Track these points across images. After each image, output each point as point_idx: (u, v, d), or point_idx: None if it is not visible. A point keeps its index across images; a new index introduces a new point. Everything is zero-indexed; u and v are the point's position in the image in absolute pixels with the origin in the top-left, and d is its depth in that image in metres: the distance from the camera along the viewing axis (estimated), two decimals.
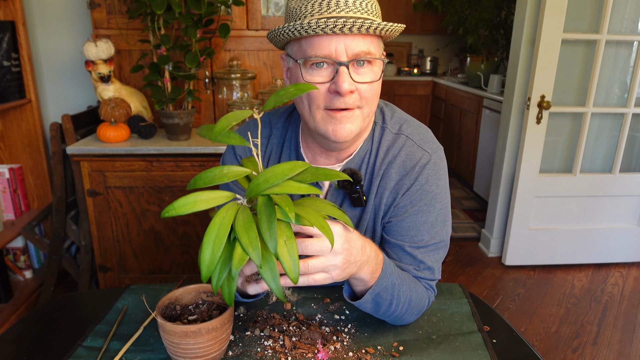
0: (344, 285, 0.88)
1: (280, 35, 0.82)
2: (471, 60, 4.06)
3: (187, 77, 1.92)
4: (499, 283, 2.65)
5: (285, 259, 0.64)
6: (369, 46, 0.80)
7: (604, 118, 2.68)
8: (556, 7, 2.33)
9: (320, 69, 0.81)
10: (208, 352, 0.75)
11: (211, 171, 0.69)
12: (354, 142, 0.92)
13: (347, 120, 0.84)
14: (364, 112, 0.85)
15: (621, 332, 2.22)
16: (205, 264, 0.63)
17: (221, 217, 0.65)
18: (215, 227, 0.64)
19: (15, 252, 2.25)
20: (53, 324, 0.95)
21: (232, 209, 0.67)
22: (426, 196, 0.92)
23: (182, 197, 0.66)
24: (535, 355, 0.87)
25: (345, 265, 0.75)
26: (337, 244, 0.73)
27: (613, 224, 2.80)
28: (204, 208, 0.66)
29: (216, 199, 0.67)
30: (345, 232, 0.75)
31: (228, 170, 0.69)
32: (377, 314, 0.88)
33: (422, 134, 0.95)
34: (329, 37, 0.78)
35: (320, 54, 0.79)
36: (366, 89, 0.83)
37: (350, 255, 0.75)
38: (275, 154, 1.01)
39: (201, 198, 0.67)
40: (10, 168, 2.15)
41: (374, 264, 0.81)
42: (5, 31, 2.02)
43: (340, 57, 0.79)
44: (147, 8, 1.82)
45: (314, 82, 0.81)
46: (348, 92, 0.80)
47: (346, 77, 0.79)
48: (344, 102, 0.81)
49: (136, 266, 2.14)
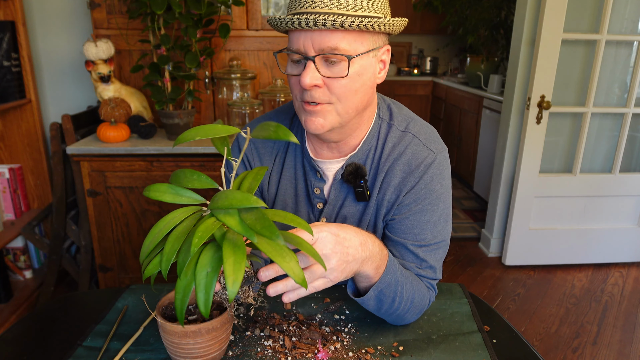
0: (348, 281, 0.88)
1: (275, 27, 0.85)
2: (471, 60, 4.06)
3: (187, 77, 1.92)
4: (499, 283, 2.65)
5: (200, 292, 0.62)
6: (338, 42, 0.79)
7: (604, 118, 2.68)
8: (556, 7, 2.33)
9: (297, 63, 0.85)
10: (208, 352, 0.75)
11: (183, 171, 0.72)
12: (344, 135, 0.92)
13: (317, 114, 0.85)
14: (338, 108, 0.85)
15: (621, 332, 2.22)
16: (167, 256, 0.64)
17: (180, 219, 0.67)
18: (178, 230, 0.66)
19: (15, 252, 2.25)
20: (53, 324, 0.95)
21: (194, 216, 0.68)
22: (430, 195, 0.92)
23: (158, 184, 0.70)
24: (535, 355, 0.87)
25: (343, 266, 0.75)
26: (327, 248, 0.74)
27: (613, 224, 2.80)
28: (169, 201, 0.70)
29: (184, 197, 0.71)
30: (334, 236, 0.75)
31: (198, 177, 0.71)
32: (379, 311, 0.88)
33: (428, 134, 0.96)
34: (299, 32, 0.81)
35: (293, 48, 0.83)
36: (336, 85, 0.82)
37: (346, 255, 0.75)
38: (282, 150, 1.01)
39: (171, 191, 0.71)
40: (10, 168, 2.15)
41: (378, 259, 0.81)
42: (5, 31, 2.02)
43: (308, 51, 0.81)
44: (147, 8, 1.82)
45: (291, 74, 0.86)
46: (310, 85, 0.81)
47: (309, 71, 0.80)
48: (310, 96, 0.83)
49: (136, 266, 2.14)
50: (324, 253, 0.74)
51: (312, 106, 0.84)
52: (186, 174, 0.70)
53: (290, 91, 0.89)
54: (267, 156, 1.02)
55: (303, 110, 0.86)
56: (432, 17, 5.06)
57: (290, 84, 0.87)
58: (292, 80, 0.86)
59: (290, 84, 0.87)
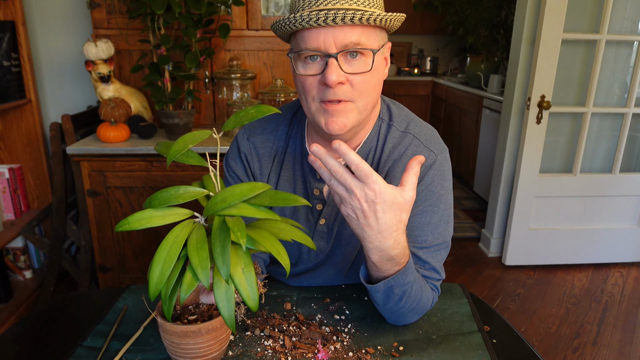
0: (361, 266, 0.87)
1: (279, 29, 0.83)
2: (471, 60, 4.06)
3: (187, 77, 1.92)
4: (499, 283, 2.65)
5: (243, 287, 0.62)
6: (359, 37, 0.79)
7: (604, 118, 2.68)
8: (556, 7, 2.33)
9: (313, 62, 0.81)
10: (208, 352, 0.75)
11: (167, 191, 0.67)
12: (354, 134, 0.91)
13: (340, 114, 0.83)
14: (359, 105, 0.84)
15: (621, 332, 2.22)
16: (154, 282, 0.62)
17: (175, 234, 0.64)
18: (168, 244, 0.63)
19: (15, 252, 2.25)
20: (53, 324, 0.95)
21: (187, 227, 0.65)
22: (431, 197, 0.92)
23: (137, 212, 0.65)
24: (535, 355, 0.87)
25: (360, 216, 0.74)
26: (368, 196, 0.72)
27: (613, 224, 2.80)
28: (159, 224, 0.65)
29: (172, 215, 0.66)
30: (385, 202, 0.73)
31: (185, 190, 0.67)
32: (385, 306, 0.87)
33: (428, 134, 0.95)
34: (317, 30, 0.78)
35: (310, 47, 0.80)
36: (359, 81, 0.82)
37: (370, 218, 0.74)
38: (282, 149, 1.01)
39: (157, 214, 0.66)
40: (10, 168, 2.15)
41: (391, 257, 0.80)
42: (5, 31, 2.02)
43: (329, 49, 0.79)
44: (147, 8, 1.82)
45: (306, 74, 0.82)
46: (336, 83, 0.79)
47: (334, 68, 0.79)
48: (334, 94, 0.81)
49: (136, 266, 2.14)
50: (365, 197, 0.72)
51: (334, 105, 0.82)
52: (171, 192, 0.67)
53: (304, 93, 0.85)
54: (266, 157, 1.01)
55: (323, 111, 0.83)
56: (432, 17, 5.05)
57: (305, 85, 0.83)
58: (307, 81, 0.82)
59: (305, 85, 0.83)
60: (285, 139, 1.00)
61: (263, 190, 0.66)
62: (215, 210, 0.64)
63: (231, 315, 0.63)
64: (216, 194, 0.67)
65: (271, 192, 0.67)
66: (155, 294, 0.62)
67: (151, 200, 0.66)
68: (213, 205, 0.65)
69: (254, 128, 1.02)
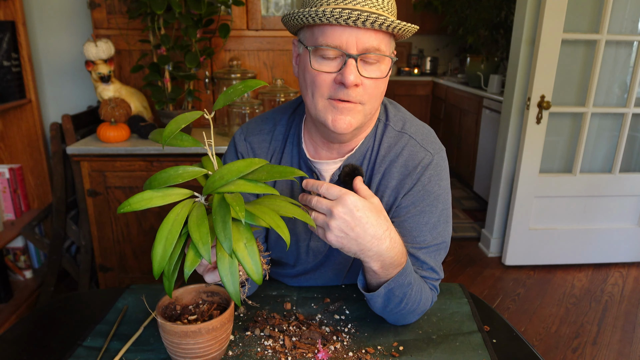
0: (359, 275, 0.87)
1: (295, 20, 0.82)
2: (471, 60, 4.06)
3: (187, 77, 1.92)
4: (499, 283, 2.65)
5: (247, 262, 0.63)
6: (379, 43, 0.80)
7: (604, 118, 2.68)
8: (556, 7, 2.33)
9: (330, 59, 0.81)
10: (208, 352, 0.75)
11: (166, 172, 0.68)
12: (354, 136, 0.92)
13: (348, 113, 0.83)
14: (366, 108, 0.85)
15: (621, 332, 2.22)
16: (157, 260, 0.63)
17: (175, 213, 0.65)
18: (169, 223, 0.65)
19: (15, 252, 2.25)
20: (53, 324, 0.95)
21: (187, 206, 0.67)
22: (428, 197, 0.91)
23: (138, 194, 0.67)
24: (535, 355, 0.87)
25: (341, 235, 0.76)
26: (337, 210, 0.75)
27: (613, 224, 2.80)
28: (159, 204, 0.66)
29: (172, 195, 0.67)
30: (353, 209, 0.75)
31: (184, 170, 0.69)
32: (385, 309, 0.87)
33: (425, 134, 0.95)
34: (342, 28, 0.78)
35: (331, 44, 0.79)
36: (371, 85, 0.82)
37: (350, 230, 0.76)
38: (278, 150, 1.01)
39: (157, 195, 0.67)
40: (10, 168, 2.15)
41: (389, 261, 0.80)
42: (5, 31, 2.02)
43: (350, 49, 0.79)
44: (147, 8, 1.82)
45: (321, 70, 0.82)
46: (353, 84, 0.80)
47: (353, 69, 0.79)
48: (347, 94, 0.81)
49: (136, 266, 2.14)
50: (332, 210, 0.75)
51: (344, 103, 0.82)
52: (170, 173, 0.68)
53: (313, 88, 0.84)
54: (263, 157, 1.01)
55: (332, 107, 0.83)
56: (432, 17, 5.06)
57: (317, 80, 0.82)
58: (320, 77, 0.82)
59: (317, 80, 0.82)
60: (282, 139, 1.00)
61: (260, 165, 0.67)
62: (214, 188, 0.65)
63: (236, 289, 0.64)
64: (214, 172, 0.67)
65: (268, 166, 0.69)
66: (159, 272, 0.63)
67: (151, 182, 0.68)
68: (212, 183, 0.66)
69: (251, 128, 1.02)
